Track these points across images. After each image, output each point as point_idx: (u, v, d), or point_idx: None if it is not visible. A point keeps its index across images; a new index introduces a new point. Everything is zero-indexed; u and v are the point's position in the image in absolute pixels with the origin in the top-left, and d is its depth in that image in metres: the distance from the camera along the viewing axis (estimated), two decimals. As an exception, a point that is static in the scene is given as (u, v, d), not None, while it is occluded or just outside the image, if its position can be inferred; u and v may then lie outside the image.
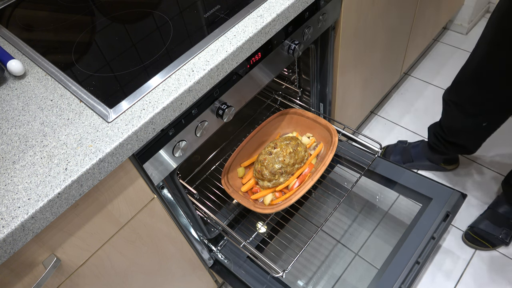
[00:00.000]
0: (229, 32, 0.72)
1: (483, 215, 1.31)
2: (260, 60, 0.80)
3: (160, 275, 0.89)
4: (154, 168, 0.70)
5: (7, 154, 0.59)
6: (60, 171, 0.55)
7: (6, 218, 0.51)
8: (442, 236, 1.02)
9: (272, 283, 1.00)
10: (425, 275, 1.26)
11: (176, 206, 0.82)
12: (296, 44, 0.84)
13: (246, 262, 1.05)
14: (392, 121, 1.69)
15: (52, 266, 0.59)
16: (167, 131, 0.68)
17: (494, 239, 1.26)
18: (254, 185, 1.01)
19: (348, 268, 1.19)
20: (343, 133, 1.06)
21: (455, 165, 1.47)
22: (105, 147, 0.57)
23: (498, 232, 1.26)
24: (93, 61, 0.72)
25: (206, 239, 1.02)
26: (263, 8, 0.75)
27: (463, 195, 1.05)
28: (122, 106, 0.62)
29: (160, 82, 0.65)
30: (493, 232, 1.26)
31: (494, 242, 1.26)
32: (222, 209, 1.14)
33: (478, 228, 1.29)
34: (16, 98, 0.67)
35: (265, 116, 1.27)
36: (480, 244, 1.28)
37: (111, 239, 0.70)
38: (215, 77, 0.68)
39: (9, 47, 0.78)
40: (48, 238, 0.58)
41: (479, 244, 1.28)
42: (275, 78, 1.23)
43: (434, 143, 1.35)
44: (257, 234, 1.11)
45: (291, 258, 0.90)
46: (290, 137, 1.00)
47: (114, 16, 0.82)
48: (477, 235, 1.28)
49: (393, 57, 1.45)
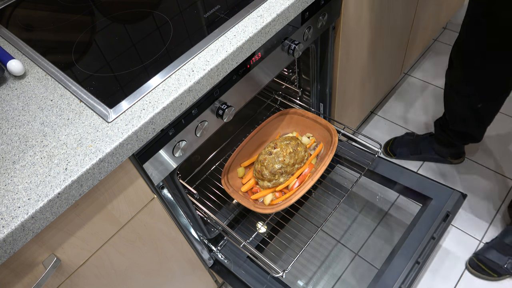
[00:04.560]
0: (229, 32, 0.72)
1: (490, 244, 1.26)
2: (260, 60, 0.80)
3: (160, 275, 0.89)
4: (154, 168, 0.70)
5: (7, 154, 0.59)
6: (60, 171, 0.55)
7: (6, 218, 0.51)
8: (442, 236, 1.02)
9: (272, 283, 1.00)
10: (425, 275, 1.26)
11: (176, 206, 0.82)
12: (296, 44, 0.84)
13: (246, 262, 1.05)
14: (392, 121, 1.69)
15: (52, 266, 0.59)
16: (167, 131, 0.68)
17: (500, 268, 1.21)
18: (254, 185, 1.01)
19: (348, 268, 1.19)
20: (343, 133, 1.06)
21: (461, 159, 1.48)
22: (105, 147, 0.57)
23: (503, 261, 1.20)
24: (93, 61, 0.72)
25: (206, 239, 1.02)
26: (263, 8, 0.75)
27: (463, 195, 1.05)
28: (122, 106, 0.62)
29: (160, 82, 0.65)
30: (498, 261, 1.21)
31: (500, 271, 1.21)
32: (222, 209, 1.14)
33: (483, 256, 1.24)
34: (16, 98, 0.67)
35: (265, 116, 1.27)
36: (485, 273, 1.23)
37: (111, 239, 0.70)
38: (215, 77, 0.68)
39: (9, 47, 0.78)
40: (48, 238, 0.58)
41: (483, 273, 1.23)
42: (275, 78, 1.23)
43: (440, 134, 1.36)
44: (257, 234, 1.11)
45: (291, 258, 0.90)
46: (290, 137, 1.00)
47: (114, 16, 0.82)
48: (482, 263, 1.23)
49: (393, 57, 1.45)
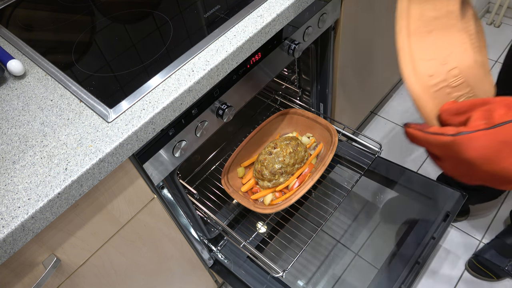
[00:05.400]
0: (229, 32, 0.72)
1: (490, 244, 1.23)
2: (260, 60, 0.80)
3: (160, 275, 0.89)
4: (154, 168, 0.70)
5: (7, 154, 0.59)
6: (60, 171, 0.55)
7: (6, 218, 0.51)
8: (442, 236, 1.02)
9: (272, 283, 1.00)
10: (425, 275, 1.26)
11: (176, 206, 0.82)
12: (296, 44, 0.84)
13: (246, 262, 1.05)
14: (392, 121, 1.69)
15: (52, 266, 0.59)
16: (167, 131, 0.68)
17: (500, 270, 1.18)
18: (254, 185, 1.01)
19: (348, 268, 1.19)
20: (343, 133, 1.06)
21: None
22: (105, 147, 0.57)
23: (504, 263, 1.18)
24: (93, 61, 0.72)
25: (206, 239, 1.02)
26: (263, 8, 0.75)
27: (463, 195, 1.05)
28: (122, 106, 0.62)
29: (160, 82, 0.65)
30: (498, 263, 1.18)
31: (499, 273, 1.19)
32: (222, 209, 1.14)
33: (483, 258, 1.21)
34: (16, 98, 0.67)
35: (265, 116, 1.27)
36: (484, 274, 1.21)
37: (111, 239, 0.70)
38: (215, 77, 0.68)
39: (9, 47, 0.77)
40: (48, 238, 0.58)
41: (482, 274, 1.21)
42: (275, 78, 1.23)
43: None
44: (257, 234, 1.11)
45: (291, 258, 0.90)
46: (290, 137, 1.00)
47: (114, 16, 0.82)
48: (482, 265, 1.21)
49: (393, 57, 1.45)
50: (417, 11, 0.53)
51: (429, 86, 0.48)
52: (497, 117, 0.39)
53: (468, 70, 0.49)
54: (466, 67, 0.49)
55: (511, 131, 0.38)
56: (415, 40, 0.51)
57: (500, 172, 0.39)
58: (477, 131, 0.39)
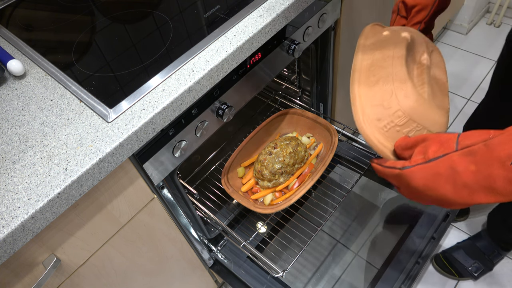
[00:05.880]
0: (229, 32, 0.72)
1: (461, 244, 1.27)
2: (260, 60, 0.80)
3: (160, 275, 0.89)
4: (154, 168, 0.70)
5: (7, 154, 0.59)
6: (60, 171, 0.55)
7: (6, 218, 0.51)
8: (442, 236, 1.02)
9: (272, 283, 1.00)
10: (425, 275, 1.26)
11: (176, 206, 0.82)
12: (296, 44, 0.84)
13: (246, 262, 1.05)
14: (392, 121, 1.69)
15: (52, 266, 0.59)
16: (167, 131, 0.68)
17: (463, 269, 1.22)
18: (254, 185, 1.01)
19: (348, 268, 1.19)
20: (343, 133, 1.06)
21: None
22: (105, 147, 0.57)
23: (469, 263, 1.22)
24: (93, 61, 0.72)
25: (206, 239, 1.02)
26: (263, 8, 0.75)
27: (463, 195, 1.04)
28: (122, 106, 0.62)
29: (160, 82, 0.65)
30: (464, 262, 1.22)
31: (462, 272, 1.22)
32: (222, 209, 1.14)
33: (450, 255, 1.25)
34: (16, 98, 0.67)
35: (265, 116, 1.27)
36: (447, 271, 1.24)
37: (111, 239, 0.70)
38: (215, 77, 0.68)
39: (9, 47, 0.77)
40: (48, 238, 0.58)
41: (446, 270, 1.24)
42: (275, 78, 1.23)
43: None
44: (257, 234, 1.11)
45: (291, 258, 0.90)
46: (290, 137, 1.00)
47: (114, 16, 0.82)
48: (447, 261, 1.25)
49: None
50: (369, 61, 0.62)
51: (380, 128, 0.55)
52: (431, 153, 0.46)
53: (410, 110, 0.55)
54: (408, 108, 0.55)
55: (441, 165, 0.45)
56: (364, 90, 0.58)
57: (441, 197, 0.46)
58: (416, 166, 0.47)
